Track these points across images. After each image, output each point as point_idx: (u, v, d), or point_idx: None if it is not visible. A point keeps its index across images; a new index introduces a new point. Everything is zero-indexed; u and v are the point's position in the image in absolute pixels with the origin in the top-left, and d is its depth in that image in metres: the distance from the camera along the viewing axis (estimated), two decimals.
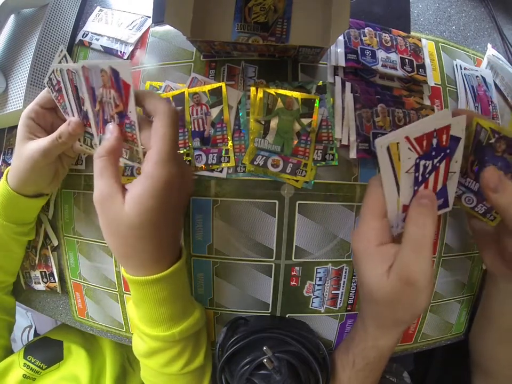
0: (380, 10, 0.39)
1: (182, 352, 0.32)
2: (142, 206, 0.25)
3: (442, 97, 0.39)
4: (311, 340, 0.35)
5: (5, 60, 0.42)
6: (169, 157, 0.26)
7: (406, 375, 0.51)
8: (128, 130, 0.28)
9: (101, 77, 0.26)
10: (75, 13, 0.44)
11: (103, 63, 0.26)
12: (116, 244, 0.28)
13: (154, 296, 0.29)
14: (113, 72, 0.25)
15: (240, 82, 0.37)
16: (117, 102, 0.27)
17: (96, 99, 0.28)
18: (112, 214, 0.26)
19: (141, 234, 0.27)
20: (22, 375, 0.40)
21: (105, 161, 0.27)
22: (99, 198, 0.26)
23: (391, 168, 0.26)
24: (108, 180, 0.26)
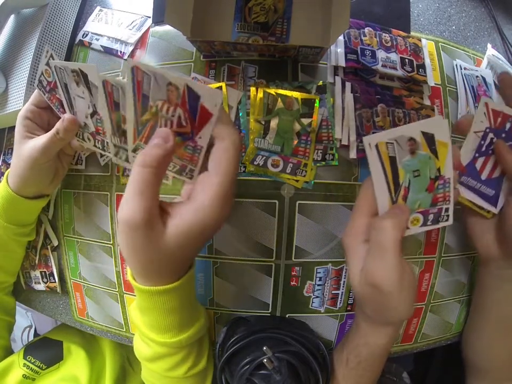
0: (380, 10, 0.39)
1: (187, 357, 0.32)
2: (186, 238, 0.23)
3: (442, 97, 0.39)
4: (311, 339, 0.35)
5: (5, 60, 0.42)
6: (229, 193, 0.23)
7: (406, 376, 0.51)
8: (189, 152, 0.25)
9: (166, 91, 0.23)
10: (75, 13, 0.44)
11: (177, 78, 0.22)
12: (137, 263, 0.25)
13: (163, 305, 0.27)
14: (189, 92, 0.22)
15: (240, 82, 0.37)
16: (183, 122, 0.24)
17: (149, 108, 0.24)
18: (145, 241, 0.23)
19: (171, 260, 0.25)
20: (22, 375, 0.40)
21: (151, 175, 0.22)
22: (132, 222, 0.22)
23: (381, 166, 0.26)
24: (149, 201, 0.22)
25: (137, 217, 0.22)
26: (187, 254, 0.26)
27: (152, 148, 0.23)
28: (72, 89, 0.31)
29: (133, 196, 0.22)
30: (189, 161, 0.26)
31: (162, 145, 0.23)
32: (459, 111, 0.39)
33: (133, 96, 0.24)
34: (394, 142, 0.25)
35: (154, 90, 0.23)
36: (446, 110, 0.39)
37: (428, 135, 0.25)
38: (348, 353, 0.33)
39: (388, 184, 0.27)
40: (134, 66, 0.22)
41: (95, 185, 0.40)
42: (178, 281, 0.27)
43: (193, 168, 0.26)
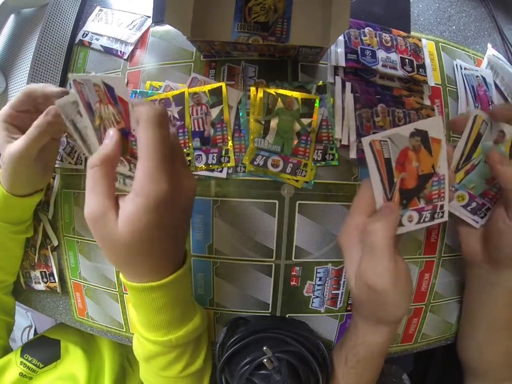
0: (380, 10, 0.39)
1: (181, 357, 0.32)
2: (134, 224, 0.23)
3: (443, 97, 0.39)
4: (311, 339, 0.35)
5: (5, 60, 0.42)
6: (158, 172, 0.23)
7: (406, 377, 0.51)
8: (135, 147, 0.26)
9: (95, 92, 0.24)
10: (75, 12, 0.44)
11: (95, 77, 0.23)
12: (112, 258, 0.27)
13: (152, 303, 0.28)
14: (107, 87, 0.23)
15: (240, 82, 0.37)
16: (117, 118, 0.25)
17: (95, 114, 0.25)
18: (105, 233, 0.24)
19: (137, 251, 0.25)
20: (19, 373, 0.40)
21: (99, 173, 0.24)
22: (90, 217, 0.24)
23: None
24: (100, 196, 0.24)
25: (94, 210, 0.23)
26: (152, 243, 0.25)
27: (99, 149, 0.25)
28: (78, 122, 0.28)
29: (87, 194, 0.24)
30: (132, 156, 0.26)
31: (106, 145, 0.24)
32: (459, 111, 0.39)
33: (83, 107, 0.25)
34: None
35: (90, 95, 0.24)
36: (446, 110, 0.39)
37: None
38: (347, 352, 0.33)
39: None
40: (73, 80, 0.24)
41: None
42: (167, 278, 0.27)
43: None
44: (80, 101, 0.25)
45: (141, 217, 0.23)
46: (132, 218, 0.23)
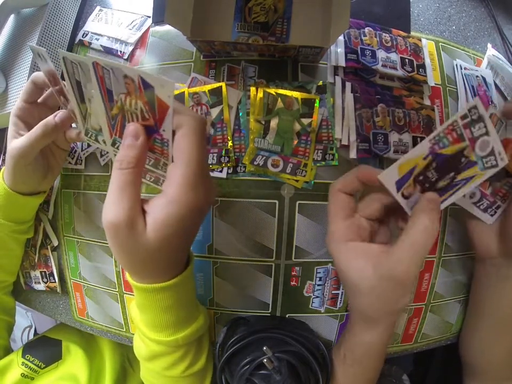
0: (380, 10, 0.39)
1: (185, 356, 0.32)
2: (164, 232, 0.23)
3: (443, 97, 0.39)
4: (311, 339, 0.35)
5: (5, 60, 0.42)
6: (196, 180, 0.23)
7: (406, 378, 0.50)
8: (158, 145, 0.25)
9: (124, 84, 0.22)
10: (75, 12, 0.44)
11: (130, 70, 0.22)
12: (127, 263, 0.26)
13: (159, 303, 0.28)
14: (144, 84, 0.22)
15: (240, 82, 0.37)
16: (145, 115, 0.23)
17: (115, 102, 0.24)
18: (130, 240, 0.23)
19: (159, 256, 0.25)
20: (20, 374, 0.40)
21: (131, 175, 0.23)
22: (115, 222, 0.22)
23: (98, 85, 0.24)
24: (130, 202, 0.23)
25: (120, 218, 0.22)
26: (173, 248, 0.25)
27: (125, 149, 0.24)
28: (88, 89, 0.27)
29: (113, 198, 0.23)
30: (161, 154, 0.26)
31: (134, 144, 0.23)
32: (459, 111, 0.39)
33: (99, 91, 0.24)
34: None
35: (114, 84, 0.23)
36: (446, 110, 0.39)
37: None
38: (345, 351, 0.33)
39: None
40: (94, 62, 0.22)
41: (95, 185, 0.40)
42: (174, 279, 0.27)
43: (166, 162, 0.26)
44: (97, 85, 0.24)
45: (173, 224, 0.23)
46: (164, 224, 0.23)
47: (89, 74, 0.24)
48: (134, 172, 0.23)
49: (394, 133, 0.36)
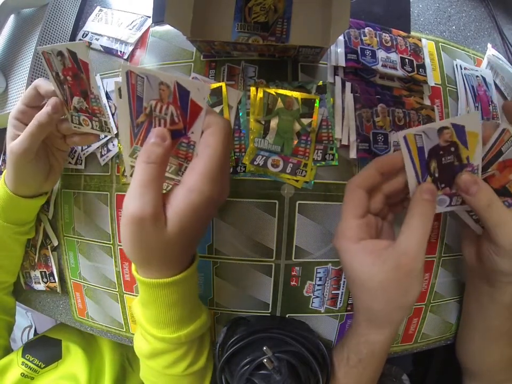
0: (380, 10, 0.39)
1: (186, 354, 0.32)
2: (183, 223, 0.24)
3: (443, 97, 0.39)
4: (311, 339, 0.35)
5: (5, 60, 0.42)
6: (217, 174, 0.24)
7: (406, 378, 0.50)
8: (183, 149, 0.26)
9: (158, 90, 0.23)
10: (75, 12, 0.44)
11: (166, 76, 0.23)
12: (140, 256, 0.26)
13: (164, 299, 0.28)
14: (179, 88, 0.23)
15: (240, 82, 0.37)
16: (175, 119, 0.25)
17: (143, 110, 0.25)
18: (150, 233, 0.23)
19: (173, 249, 0.26)
20: (20, 373, 0.40)
21: (155, 170, 0.24)
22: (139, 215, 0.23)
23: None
24: (155, 196, 0.23)
25: (146, 211, 0.23)
26: (189, 240, 0.26)
27: (152, 146, 0.24)
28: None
29: (139, 191, 0.23)
30: (184, 159, 0.26)
31: (161, 144, 0.24)
32: (459, 111, 0.39)
33: (128, 99, 0.25)
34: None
35: (147, 91, 0.24)
36: (446, 110, 0.39)
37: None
38: (349, 351, 0.33)
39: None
40: (128, 71, 0.23)
41: (95, 185, 0.40)
42: (180, 275, 0.28)
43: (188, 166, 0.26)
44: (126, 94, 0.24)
45: (192, 214, 0.24)
46: (183, 215, 0.24)
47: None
48: (160, 168, 0.24)
49: (394, 133, 0.36)
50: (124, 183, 0.38)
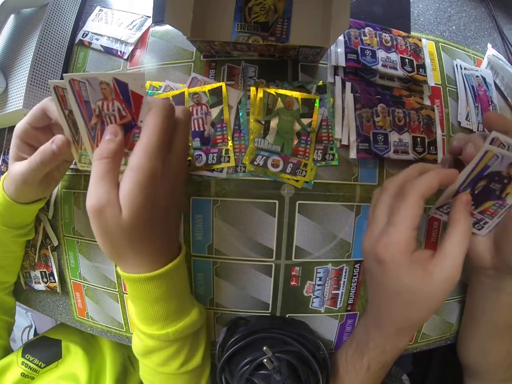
0: (380, 10, 0.39)
1: (178, 352, 0.32)
2: (133, 203, 0.24)
3: (443, 97, 0.39)
4: (311, 340, 0.35)
5: (5, 60, 0.42)
6: (157, 151, 0.25)
7: (406, 378, 0.51)
8: (137, 139, 0.26)
9: (100, 90, 0.25)
10: (75, 12, 0.44)
11: (104, 75, 0.24)
12: (111, 248, 0.27)
13: (148, 294, 0.29)
14: (118, 83, 0.24)
15: (240, 82, 0.37)
16: (122, 113, 0.26)
17: (93, 113, 0.26)
18: (109, 221, 0.25)
19: (137, 235, 0.26)
20: (20, 373, 0.40)
21: (109, 164, 0.25)
22: (96, 206, 0.24)
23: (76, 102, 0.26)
24: (109, 186, 0.25)
25: (101, 202, 0.24)
26: (148, 226, 0.26)
27: (105, 143, 0.26)
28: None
29: (93, 185, 0.25)
30: None
31: (114, 139, 0.26)
32: (459, 111, 0.39)
33: (77, 106, 0.26)
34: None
35: (91, 93, 0.25)
36: (446, 110, 0.39)
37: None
38: (370, 360, 0.32)
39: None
40: (70, 79, 0.25)
41: None
42: (162, 269, 0.28)
43: None
44: (75, 102, 0.25)
45: (138, 193, 0.24)
46: (130, 196, 0.24)
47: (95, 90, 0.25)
48: (113, 162, 0.25)
49: (394, 133, 0.36)
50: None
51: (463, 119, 0.39)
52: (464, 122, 0.39)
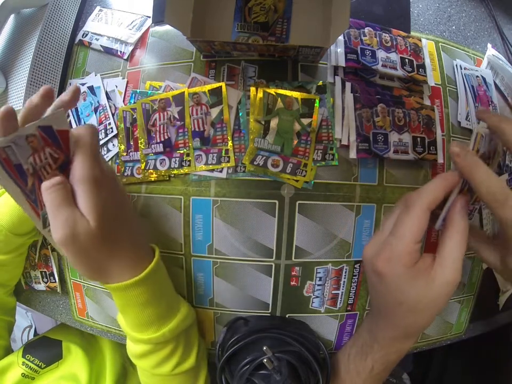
0: (380, 10, 0.39)
1: (173, 353, 0.33)
2: (95, 208, 0.25)
3: (443, 97, 0.39)
4: (311, 340, 0.35)
5: (5, 60, 0.42)
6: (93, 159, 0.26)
7: (406, 377, 0.51)
8: None
9: (28, 145, 0.23)
10: (75, 12, 0.44)
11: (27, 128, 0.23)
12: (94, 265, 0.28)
13: (138, 298, 0.29)
14: (43, 129, 0.24)
15: (240, 82, 0.37)
16: (55, 155, 0.25)
17: (27, 173, 0.24)
18: (84, 238, 0.25)
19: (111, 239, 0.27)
20: (21, 374, 0.40)
21: (60, 190, 0.25)
22: (67, 233, 0.24)
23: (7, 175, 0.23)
24: (68, 209, 0.24)
25: (68, 226, 0.24)
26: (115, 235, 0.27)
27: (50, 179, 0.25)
28: None
29: (55, 216, 0.24)
30: None
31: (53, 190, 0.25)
32: (459, 111, 0.39)
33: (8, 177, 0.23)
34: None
35: (20, 153, 0.23)
36: (446, 110, 0.39)
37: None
38: (374, 362, 0.32)
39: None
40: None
41: None
42: (144, 272, 0.29)
43: None
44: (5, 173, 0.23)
45: (95, 199, 0.25)
46: (89, 204, 0.25)
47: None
48: (64, 187, 0.25)
49: (394, 133, 0.36)
50: (124, 183, 0.38)
51: (463, 119, 0.39)
52: (464, 122, 0.39)
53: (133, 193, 0.38)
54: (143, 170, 0.38)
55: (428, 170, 0.38)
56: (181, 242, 0.38)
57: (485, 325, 0.44)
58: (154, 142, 0.37)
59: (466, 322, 0.43)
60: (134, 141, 0.38)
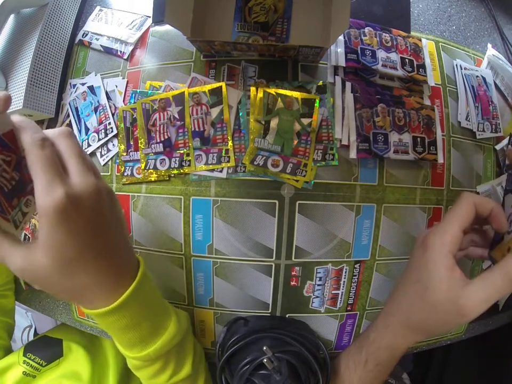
0: (380, 10, 0.39)
1: (165, 366, 0.32)
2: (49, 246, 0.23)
3: (443, 97, 0.39)
4: (311, 340, 0.35)
5: (5, 60, 0.42)
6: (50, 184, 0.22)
7: (406, 376, 0.51)
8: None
9: None
10: (75, 12, 0.44)
11: None
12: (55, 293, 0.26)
13: (114, 324, 0.28)
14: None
15: (240, 82, 0.37)
16: (7, 159, 0.24)
17: None
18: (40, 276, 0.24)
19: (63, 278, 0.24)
20: (22, 372, 0.40)
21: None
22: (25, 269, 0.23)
23: None
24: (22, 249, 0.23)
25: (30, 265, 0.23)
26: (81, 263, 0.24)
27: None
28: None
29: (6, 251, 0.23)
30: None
31: None
32: (459, 111, 0.39)
33: None
34: None
35: None
36: (446, 110, 0.39)
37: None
38: (368, 355, 0.32)
39: None
40: None
41: None
42: (119, 300, 0.26)
43: None
44: None
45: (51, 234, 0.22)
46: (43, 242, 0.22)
47: None
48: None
49: (394, 133, 0.36)
50: (124, 183, 0.38)
51: (463, 119, 0.39)
52: (464, 122, 0.39)
53: (133, 193, 0.38)
54: (143, 170, 0.38)
55: (428, 170, 0.38)
56: (181, 242, 0.38)
57: (485, 325, 0.44)
58: (154, 142, 0.37)
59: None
60: (134, 141, 0.38)
